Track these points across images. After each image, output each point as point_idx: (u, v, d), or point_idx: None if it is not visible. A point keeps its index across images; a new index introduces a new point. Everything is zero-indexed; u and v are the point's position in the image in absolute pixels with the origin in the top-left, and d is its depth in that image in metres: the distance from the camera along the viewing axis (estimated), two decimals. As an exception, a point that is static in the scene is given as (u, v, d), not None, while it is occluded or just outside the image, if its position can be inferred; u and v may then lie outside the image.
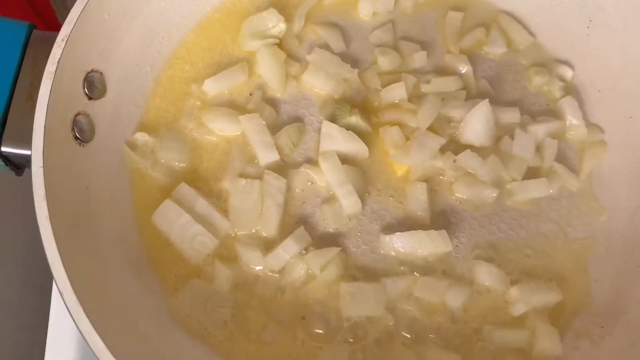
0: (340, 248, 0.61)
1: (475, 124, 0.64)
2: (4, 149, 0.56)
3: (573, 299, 0.62)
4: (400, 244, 0.61)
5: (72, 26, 0.55)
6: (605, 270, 0.63)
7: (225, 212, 0.61)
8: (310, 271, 0.60)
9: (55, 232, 0.49)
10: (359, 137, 0.64)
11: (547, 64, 0.72)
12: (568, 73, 0.71)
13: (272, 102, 0.67)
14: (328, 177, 0.62)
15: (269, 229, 0.60)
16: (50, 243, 0.48)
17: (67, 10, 0.56)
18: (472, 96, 0.68)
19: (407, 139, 0.64)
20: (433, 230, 0.60)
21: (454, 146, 0.65)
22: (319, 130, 0.65)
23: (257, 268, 0.60)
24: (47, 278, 0.51)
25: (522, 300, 0.59)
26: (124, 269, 0.58)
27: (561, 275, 0.63)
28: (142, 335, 0.55)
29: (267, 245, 0.60)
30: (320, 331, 0.58)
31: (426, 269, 0.61)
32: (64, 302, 0.47)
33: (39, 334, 0.66)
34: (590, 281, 0.63)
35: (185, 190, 0.60)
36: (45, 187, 0.50)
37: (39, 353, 0.66)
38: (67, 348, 0.65)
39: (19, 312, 0.77)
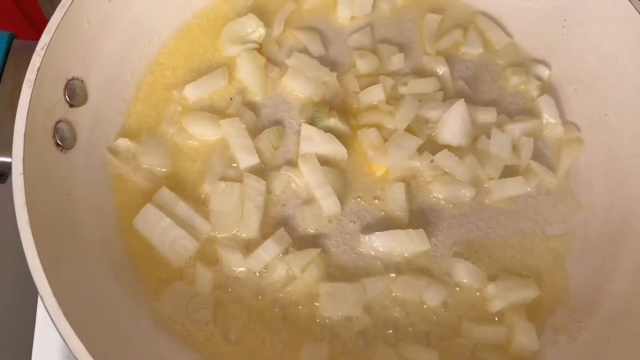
0: (320, 249, 0.61)
1: (452, 124, 0.65)
2: (-15, 156, 0.57)
3: (551, 295, 0.63)
4: (379, 243, 0.62)
5: (51, 35, 0.56)
6: (582, 266, 0.64)
7: (206, 215, 0.62)
8: (290, 272, 0.60)
9: (36, 237, 0.49)
10: (338, 139, 0.65)
11: (524, 64, 0.73)
12: (545, 72, 0.72)
13: (253, 106, 0.68)
14: (307, 179, 0.63)
15: (250, 231, 0.61)
16: (30, 248, 0.49)
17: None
18: (449, 97, 0.69)
19: (386, 140, 0.65)
20: (411, 230, 0.61)
21: (432, 146, 0.66)
22: (299, 133, 0.66)
23: (238, 270, 0.60)
24: (34, 283, 0.52)
25: (500, 296, 0.60)
26: (106, 272, 0.59)
27: (539, 271, 0.64)
28: (124, 337, 0.55)
29: (248, 247, 0.61)
30: (301, 331, 0.59)
31: (405, 267, 0.62)
32: (44, 306, 0.48)
33: (25, 339, 0.67)
34: (567, 277, 0.64)
35: (166, 194, 0.61)
36: (25, 193, 0.50)
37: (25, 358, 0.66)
38: (53, 353, 0.65)
39: (5, 317, 0.77)
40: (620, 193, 0.66)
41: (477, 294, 0.62)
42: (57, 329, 0.48)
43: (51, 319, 0.48)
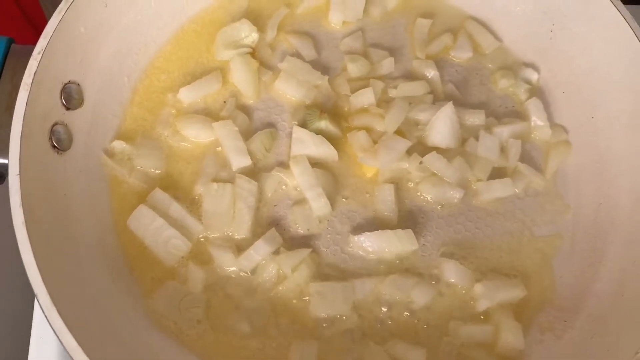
0: (311, 249, 0.62)
1: (441, 126, 0.66)
2: (-17, 158, 0.58)
3: (538, 295, 0.64)
4: (368, 243, 0.63)
5: (48, 40, 0.57)
6: (569, 266, 0.65)
7: (199, 215, 0.63)
8: (281, 272, 0.61)
9: (31, 237, 0.51)
10: (329, 141, 0.66)
11: (513, 67, 0.74)
12: (533, 76, 0.74)
13: (246, 109, 0.69)
14: (299, 180, 0.64)
15: (241, 231, 0.62)
16: (25, 247, 0.50)
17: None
18: (439, 100, 0.70)
19: (376, 142, 0.66)
20: (400, 230, 0.62)
21: (421, 148, 0.67)
22: (290, 135, 0.67)
23: (230, 269, 0.62)
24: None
25: (486, 296, 0.61)
26: (101, 271, 0.60)
27: (526, 271, 0.65)
28: (118, 335, 0.56)
29: (240, 247, 0.62)
30: (291, 329, 0.60)
31: (394, 267, 0.63)
32: (39, 304, 0.49)
33: (22, 338, 0.68)
34: (554, 277, 0.65)
35: (159, 195, 0.63)
36: (21, 194, 0.52)
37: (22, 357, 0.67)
38: (49, 352, 0.67)
39: (2, 316, 0.79)
40: (607, 195, 0.67)
41: (465, 293, 0.63)
42: (51, 326, 0.49)
43: (45, 316, 0.49)
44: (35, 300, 0.67)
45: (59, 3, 0.59)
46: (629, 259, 0.62)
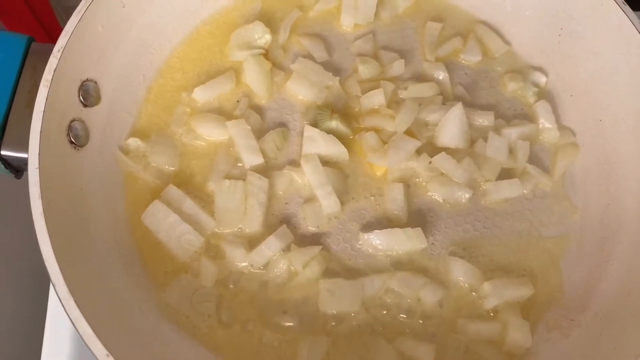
0: (321, 246, 0.63)
1: (450, 127, 0.67)
2: (3, 152, 0.59)
3: (545, 294, 0.64)
4: (378, 241, 0.64)
5: (67, 38, 0.59)
6: (577, 267, 0.66)
7: (211, 212, 0.64)
8: (292, 268, 0.62)
9: (49, 228, 0.52)
10: (340, 140, 0.67)
11: (521, 71, 0.75)
12: (542, 79, 0.75)
13: (258, 109, 0.71)
14: (309, 178, 0.65)
15: (253, 227, 0.64)
16: (44, 238, 0.52)
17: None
18: (448, 101, 0.71)
19: (386, 142, 0.67)
20: (409, 228, 0.63)
21: (431, 149, 0.68)
22: (302, 134, 0.68)
23: (242, 264, 0.63)
24: (45, 280, 0.54)
25: (494, 294, 0.62)
26: (115, 265, 0.61)
27: (534, 271, 0.65)
28: (131, 327, 0.57)
29: (251, 243, 0.63)
30: (301, 324, 0.61)
31: (403, 265, 0.64)
32: (56, 293, 0.51)
33: (35, 335, 0.69)
34: (562, 277, 0.66)
35: (173, 191, 0.64)
36: (40, 186, 0.53)
37: (36, 353, 0.68)
38: (63, 349, 0.68)
39: (16, 313, 0.80)
40: (614, 196, 0.67)
41: (473, 292, 0.63)
42: (68, 315, 0.50)
43: (62, 304, 0.50)
44: (50, 292, 0.69)
45: (72, 10, 0.60)
46: (636, 260, 0.62)
